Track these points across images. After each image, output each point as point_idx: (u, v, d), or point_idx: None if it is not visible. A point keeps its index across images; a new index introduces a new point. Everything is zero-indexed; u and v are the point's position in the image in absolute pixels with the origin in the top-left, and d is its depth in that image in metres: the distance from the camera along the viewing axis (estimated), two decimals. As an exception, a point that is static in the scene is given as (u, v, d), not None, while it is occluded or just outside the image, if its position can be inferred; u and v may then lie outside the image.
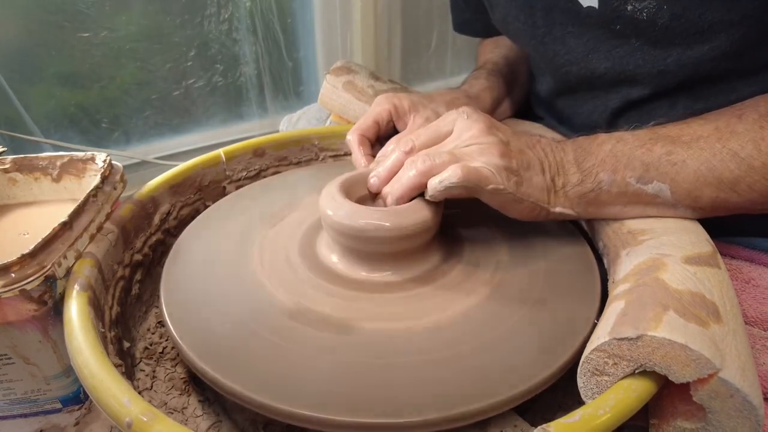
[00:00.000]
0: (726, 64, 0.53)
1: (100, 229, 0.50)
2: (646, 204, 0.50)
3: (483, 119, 0.50)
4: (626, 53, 0.57)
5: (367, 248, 0.49)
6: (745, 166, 0.46)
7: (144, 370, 0.50)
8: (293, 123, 0.96)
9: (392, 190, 0.50)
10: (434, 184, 0.47)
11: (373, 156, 0.59)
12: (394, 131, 0.63)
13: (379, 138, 0.63)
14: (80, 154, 0.57)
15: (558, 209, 0.50)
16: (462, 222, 0.56)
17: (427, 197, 0.48)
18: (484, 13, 0.75)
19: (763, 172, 0.45)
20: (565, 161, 0.50)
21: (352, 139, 0.60)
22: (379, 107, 0.62)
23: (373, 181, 0.52)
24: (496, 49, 0.85)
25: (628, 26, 0.55)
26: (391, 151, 0.53)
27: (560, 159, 0.50)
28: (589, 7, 0.56)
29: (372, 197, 0.53)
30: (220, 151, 0.67)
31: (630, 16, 0.53)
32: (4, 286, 0.41)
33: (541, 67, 0.71)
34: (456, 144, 0.49)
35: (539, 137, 0.52)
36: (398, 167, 0.51)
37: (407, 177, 0.48)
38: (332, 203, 0.49)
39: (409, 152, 0.51)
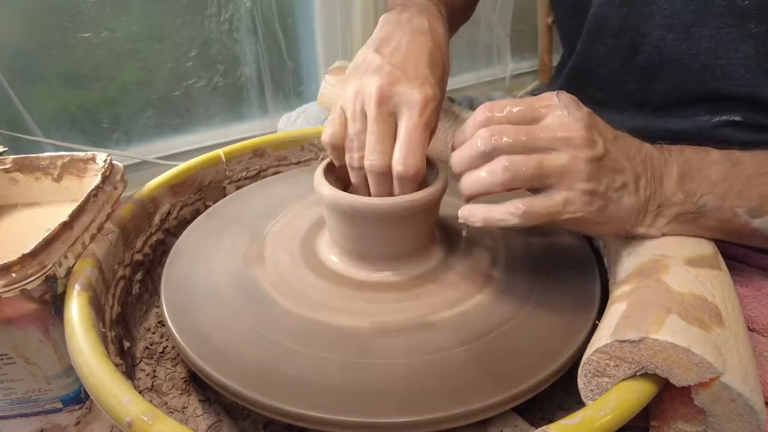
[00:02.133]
0: None
1: (100, 229, 0.50)
2: (739, 236, 0.45)
3: (583, 117, 0.42)
4: (738, 37, 0.52)
5: (364, 231, 0.48)
6: None
7: (144, 370, 0.50)
8: (292, 121, 0.96)
9: (463, 186, 0.45)
10: (492, 218, 0.42)
11: None
12: None
13: None
14: (81, 154, 0.57)
15: (642, 230, 0.44)
16: (461, 223, 0.56)
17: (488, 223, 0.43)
18: None
19: None
20: (665, 178, 0.44)
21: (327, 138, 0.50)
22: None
23: (454, 165, 0.45)
24: None
25: (755, 4, 0.50)
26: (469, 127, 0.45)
27: (660, 175, 0.44)
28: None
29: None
30: (220, 151, 0.67)
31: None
32: (5, 285, 0.41)
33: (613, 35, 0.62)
34: (545, 144, 0.41)
35: (642, 142, 0.45)
36: (468, 137, 0.43)
37: (479, 179, 0.42)
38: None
39: (486, 123, 0.43)
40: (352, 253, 0.50)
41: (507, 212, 0.41)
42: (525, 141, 0.41)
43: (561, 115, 0.42)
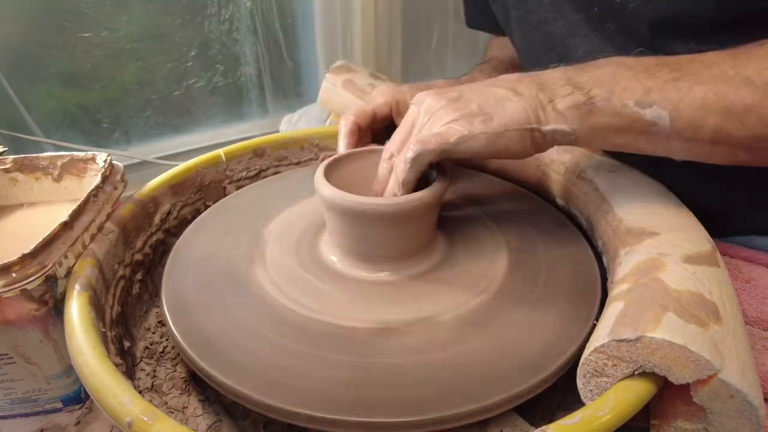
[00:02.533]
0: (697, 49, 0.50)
1: (100, 228, 0.51)
2: (639, 133, 0.46)
3: (431, 93, 0.50)
4: (604, 37, 0.56)
5: (364, 230, 0.49)
6: (759, 95, 0.42)
7: (144, 370, 0.50)
8: (293, 123, 0.96)
9: (388, 191, 0.50)
10: (401, 167, 0.47)
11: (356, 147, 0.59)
12: (392, 124, 0.62)
13: (374, 131, 0.62)
14: (81, 154, 0.57)
15: (551, 126, 0.46)
16: (461, 221, 0.56)
17: (401, 182, 0.48)
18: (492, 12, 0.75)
19: None
20: (548, 79, 0.48)
21: (344, 126, 0.59)
22: (381, 99, 0.61)
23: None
24: (503, 49, 0.84)
25: (604, 9, 0.54)
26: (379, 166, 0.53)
27: (543, 79, 0.48)
28: None
29: None
30: (221, 151, 0.67)
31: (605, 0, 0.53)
32: (5, 285, 0.41)
33: (533, 60, 0.69)
34: (418, 127, 0.49)
35: (512, 74, 0.51)
36: (389, 175, 0.51)
37: (390, 188, 0.49)
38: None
39: (390, 159, 0.51)
40: (353, 252, 0.50)
41: (407, 153, 0.47)
42: (407, 140, 0.49)
43: (415, 106, 0.50)
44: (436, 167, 0.51)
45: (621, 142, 0.48)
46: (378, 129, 0.63)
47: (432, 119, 0.48)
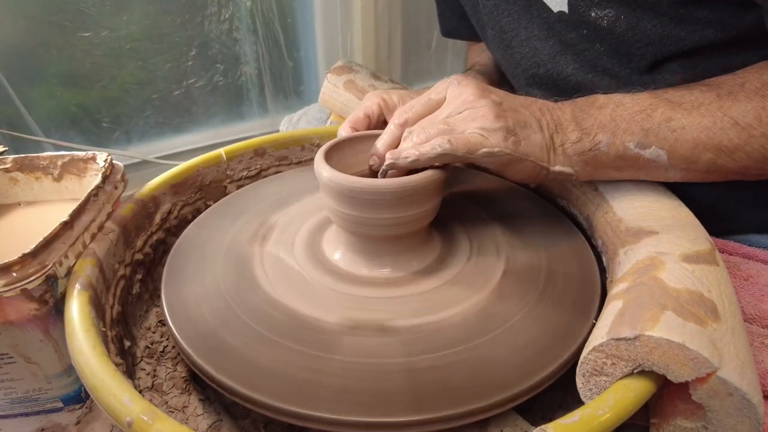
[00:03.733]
0: (682, 74, 0.54)
1: (101, 228, 0.51)
2: (639, 168, 0.50)
3: (474, 84, 0.50)
4: (592, 58, 0.58)
5: (366, 212, 0.48)
6: (745, 135, 0.46)
7: (145, 369, 0.50)
8: (293, 123, 0.96)
9: (393, 152, 0.49)
10: (424, 151, 0.46)
11: None
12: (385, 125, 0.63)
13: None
14: (81, 153, 0.57)
15: (558, 168, 0.50)
16: (461, 221, 0.56)
17: (416, 157, 0.47)
18: (468, 20, 0.75)
19: (762, 141, 0.46)
20: (563, 119, 0.50)
21: (344, 130, 0.59)
22: (368, 101, 0.62)
23: (373, 159, 0.52)
24: (484, 53, 0.86)
25: (593, 31, 0.56)
26: (386, 128, 0.53)
27: (558, 117, 0.50)
28: (560, 11, 0.57)
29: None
30: (221, 151, 0.67)
31: (593, 22, 0.54)
32: (6, 285, 0.41)
33: (511, 72, 0.72)
34: (449, 112, 0.49)
35: (534, 99, 0.53)
36: (395, 142, 0.50)
37: (406, 154, 0.48)
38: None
39: (403, 124, 0.51)
40: (353, 245, 0.50)
41: (437, 143, 0.46)
42: (433, 119, 0.50)
43: (453, 89, 0.50)
44: None
45: (621, 175, 0.52)
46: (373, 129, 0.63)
47: (469, 113, 0.48)
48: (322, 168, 0.49)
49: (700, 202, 0.51)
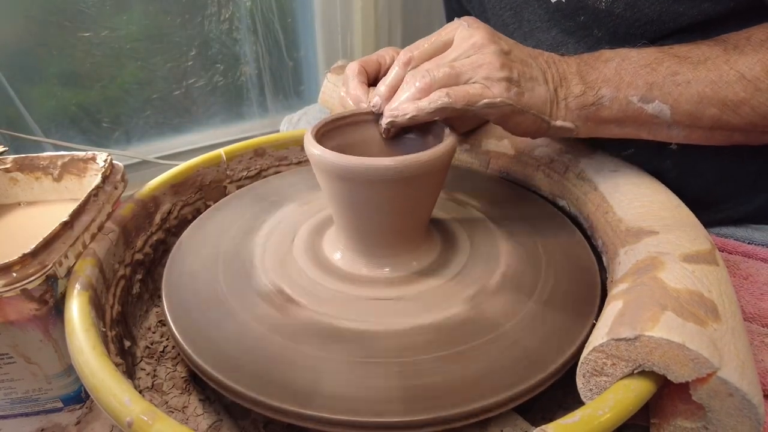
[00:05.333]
0: None
1: (101, 228, 0.51)
2: (641, 124, 0.50)
3: (484, 28, 0.48)
4: (591, 45, 0.57)
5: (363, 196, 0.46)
6: (752, 88, 0.46)
7: (145, 369, 0.50)
8: (294, 124, 0.96)
9: (392, 108, 0.48)
10: (422, 106, 0.46)
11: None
12: None
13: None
14: (81, 153, 0.57)
15: (559, 122, 0.50)
16: (460, 221, 0.56)
17: (418, 116, 0.46)
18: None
19: None
20: (567, 73, 0.50)
21: (350, 69, 0.55)
22: (383, 51, 0.59)
23: (375, 100, 0.50)
24: None
25: (590, 17, 0.56)
26: (391, 67, 0.51)
27: (563, 71, 0.50)
28: (558, 0, 0.57)
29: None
30: (221, 151, 0.67)
31: (591, 6, 0.54)
32: (6, 285, 0.41)
33: None
34: (457, 54, 0.48)
35: (541, 51, 0.52)
36: (399, 83, 0.49)
37: (406, 95, 0.47)
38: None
39: (408, 62, 0.49)
40: (353, 245, 0.50)
41: (435, 97, 0.45)
42: (439, 60, 0.48)
43: (463, 30, 0.48)
44: (442, 125, 0.49)
45: (622, 132, 0.51)
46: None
47: (476, 58, 0.47)
48: (312, 146, 0.46)
49: (697, 190, 0.52)
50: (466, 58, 0.47)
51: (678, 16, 0.51)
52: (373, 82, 0.56)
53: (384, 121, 0.49)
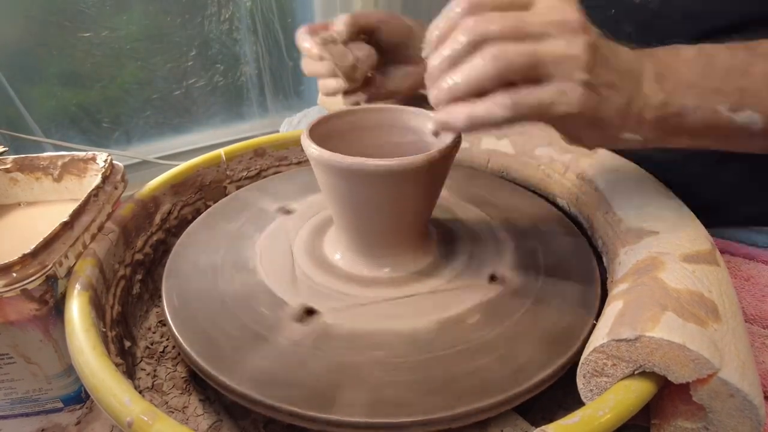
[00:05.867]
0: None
1: (101, 228, 0.51)
2: (720, 134, 0.43)
3: (576, 4, 0.38)
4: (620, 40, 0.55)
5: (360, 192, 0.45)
6: None
7: (145, 369, 0.50)
8: (294, 125, 0.96)
9: (442, 125, 0.39)
10: (476, 116, 0.37)
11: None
12: (421, 96, 0.55)
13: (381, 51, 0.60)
14: (81, 153, 0.57)
15: (627, 134, 0.41)
16: (461, 220, 0.56)
17: (467, 128, 0.38)
18: None
19: None
20: (642, 78, 0.41)
21: (342, 17, 0.50)
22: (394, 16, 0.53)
23: (425, 52, 0.40)
24: None
25: (622, 11, 0.53)
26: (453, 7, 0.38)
27: (638, 75, 0.41)
28: None
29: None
30: (221, 151, 0.67)
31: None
32: (6, 285, 0.41)
33: None
34: (540, 26, 0.37)
35: (616, 43, 0.42)
36: (450, 31, 0.38)
37: (465, 75, 0.37)
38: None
39: (476, 6, 0.37)
40: (353, 245, 0.50)
41: (493, 105, 0.36)
42: (515, 26, 0.36)
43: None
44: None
45: (693, 144, 0.44)
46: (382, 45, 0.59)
47: (563, 46, 0.37)
48: (310, 147, 0.46)
49: (700, 193, 0.50)
50: (551, 39, 0.37)
51: (717, 15, 0.47)
52: (367, 31, 0.55)
53: (434, 124, 0.40)
